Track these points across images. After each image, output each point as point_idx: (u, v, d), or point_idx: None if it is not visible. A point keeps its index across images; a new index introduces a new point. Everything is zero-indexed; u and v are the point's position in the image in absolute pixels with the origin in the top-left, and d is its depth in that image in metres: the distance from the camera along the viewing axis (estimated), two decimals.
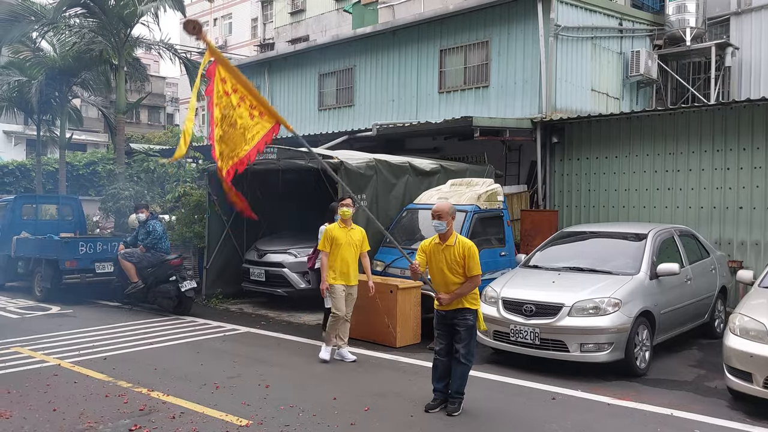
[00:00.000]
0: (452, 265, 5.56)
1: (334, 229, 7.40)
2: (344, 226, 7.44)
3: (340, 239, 7.32)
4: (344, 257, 7.30)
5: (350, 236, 7.41)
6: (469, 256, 5.56)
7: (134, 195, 13.47)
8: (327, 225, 7.83)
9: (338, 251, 7.30)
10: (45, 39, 17.02)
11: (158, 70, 46.19)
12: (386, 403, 5.80)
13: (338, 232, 7.36)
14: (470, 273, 5.57)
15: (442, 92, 13.79)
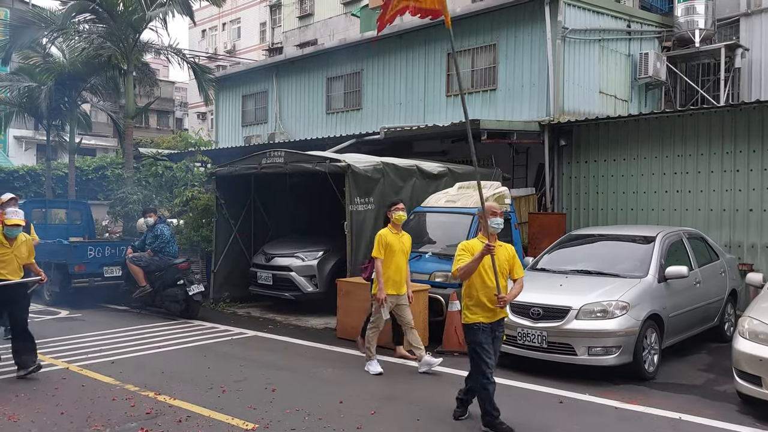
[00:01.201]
0: (503, 266, 5.33)
1: (388, 235, 7.04)
2: (396, 231, 7.12)
3: (394, 246, 6.99)
4: (398, 265, 6.98)
5: (402, 242, 7.13)
6: (514, 256, 5.44)
7: (142, 199, 13.52)
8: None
9: (392, 258, 6.97)
10: (54, 45, 17.12)
11: (167, 75, 46.50)
12: (393, 406, 5.78)
13: (392, 239, 7.03)
14: (518, 275, 5.42)
15: (450, 95, 13.78)
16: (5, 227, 6.77)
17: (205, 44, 43.27)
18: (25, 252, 6.95)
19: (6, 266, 6.78)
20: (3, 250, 6.79)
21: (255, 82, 18.96)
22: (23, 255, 6.93)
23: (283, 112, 17.93)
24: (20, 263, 6.89)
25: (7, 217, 6.80)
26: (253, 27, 40.17)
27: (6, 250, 6.80)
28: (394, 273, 6.95)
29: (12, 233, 6.80)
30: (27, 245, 7.01)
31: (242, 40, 41.21)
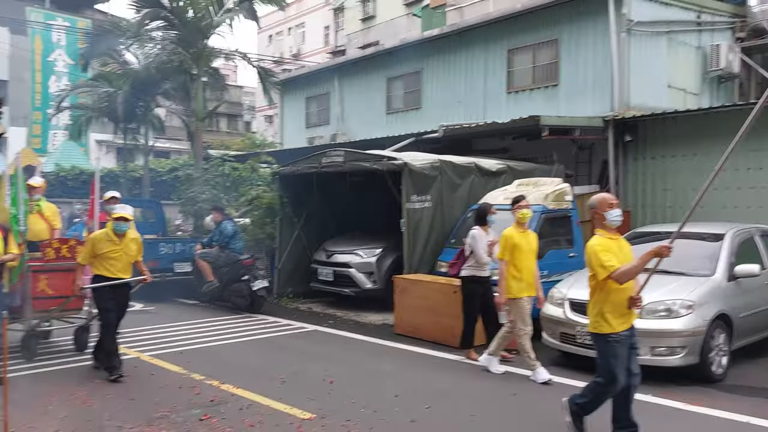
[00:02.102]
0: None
1: (514, 236, 6.63)
2: (522, 230, 6.73)
3: (522, 246, 6.60)
4: (528, 266, 6.62)
5: (529, 242, 6.74)
6: None
7: (211, 198, 14.03)
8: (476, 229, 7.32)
9: (521, 259, 6.58)
10: (130, 51, 18.04)
11: (236, 79, 47.90)
12: (448, 402, 5.80)
13: (519, 238, 6.62)
14: None
15: (510, 92, 13.63)
16: (114, 221, 6.59)
17: (271, 49, 44.30)
18: (134, 249, 6.74)
19: (115, 264, 6.60)
20: (113, 247, 6.58)
21: (318, 84, 19.31)
22: (132, 252, 6.71)
23: (345, 113, 18.18)
24: (129, 261, 6.71)
25: (116, 211, 6.69)
26: (318, 31, 40.84)
27: (116, 247, 6.58)
28: (526, 275, 6.59)
29: (120, 228, 6.56)
30: (136, 242, 6.78)
31: (307, 44, 41.97)
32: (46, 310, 7.31)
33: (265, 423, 5.18)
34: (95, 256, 6.58)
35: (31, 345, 7.22)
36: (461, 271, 7.41)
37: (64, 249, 7.43)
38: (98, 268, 6.60)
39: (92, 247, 6.58)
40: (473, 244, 7.24)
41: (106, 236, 6.57)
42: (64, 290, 7.18)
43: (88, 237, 7.07)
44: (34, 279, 7.19)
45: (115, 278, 6.58)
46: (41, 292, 7.24)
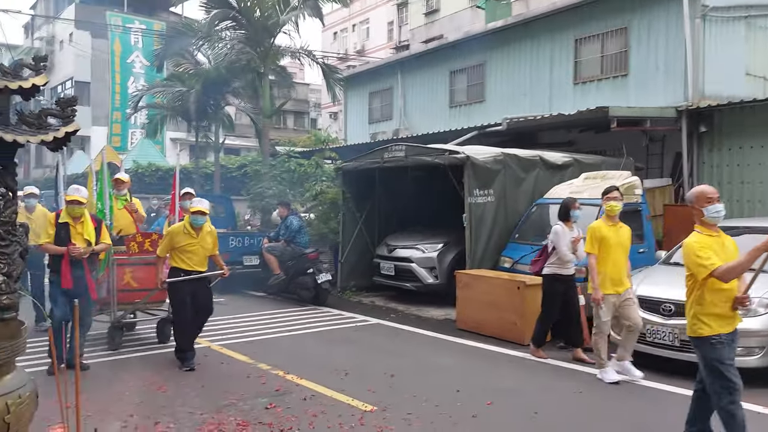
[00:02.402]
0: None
1: (602, 228, 6.36)
2: (612, 223, 6.42)
3: (609, 239, 6.29)
4: (616, 260, 6.30)
5: (619, 235, 6.42)
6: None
7: (277, 194, 14.40)
8: (559, 225, 7.18)
9: (608, 254, 6.28)
10: (201, 51, 18.71)
11: (303, 77, 48.72)
12: (510, 398, 5.75)
13: (607, 231, 6.34)
14: None
15: (578, 83, 13.28)
16: (191, 215, 6.70)
17: (336, 46, 44.80)
18: (210, 243, 6.82)
19: (192, 257, 6.70)
20: (189, 240, 6.67)
21: (381, 79, 19.40)
22: (209, 246, 6.81)
23: (408, 108, 18.20)
24: (206, 254, 6.81)
25: (193, 204, 6.78)
26: (381, 26, 41.01)
27: (192, 240, 6.68)
28: (611, 270, 6.27)
29: (197, 222, 6.66)
30: (212, 236, 6.86)
31: (371, 40, 42.22)
32: (131, 303, 7.56)
33: (328, 413, 5.28)
34: (173, 249, 6.74)
35: (117, 336, 7.47)
36: (543, 268, 7.23)
37: (147, 243, 7.65)
38: (176, 261, 6.75)
39: (170, 240, 6.74)
40: (555, 241, 7.03)
41: (184, 229, 6.71)
42: (148, 283, 7.45)
43: (166, 230, 7.26)
44: (120, 272, 7.43)
45: (192, 271, 6.69)
46: (126, 284, 7.50)
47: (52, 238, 6.49)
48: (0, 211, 2.44)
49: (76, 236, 6.48)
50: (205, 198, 14.99)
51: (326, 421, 5.12)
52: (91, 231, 6.60)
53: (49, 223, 6.63)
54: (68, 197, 6.52)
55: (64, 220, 6.51)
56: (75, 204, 6.48)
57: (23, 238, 2.55)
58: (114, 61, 32.85)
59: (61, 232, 6.48)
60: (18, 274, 2.52)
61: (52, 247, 6.52)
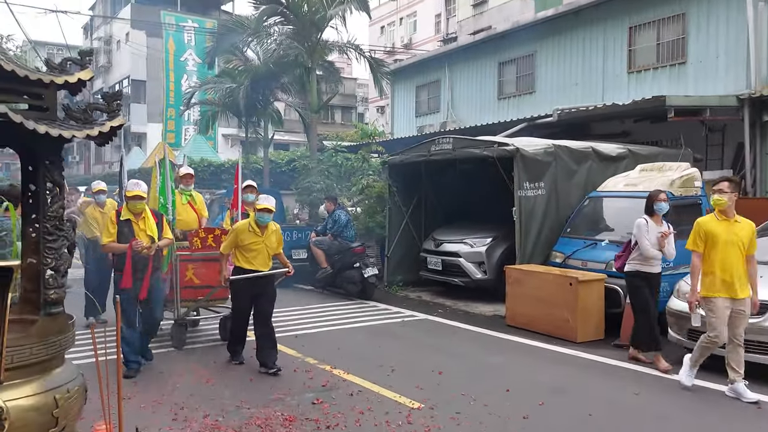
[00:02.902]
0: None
1: (709, 223, 5.69)
2: (724, 218, 5.63)
3: (717, 236, 5.56)
4: (725, 260, 5.51)
5: (733, 232, 5.58)
6: None
7: (324, 188, 14.43)
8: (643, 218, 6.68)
9: (716, 252, 5.56)
10: (250, 48, 18.91)
11: (351, 72, 48.88)
12: (563, 399, 5.57)
13: (715, 226, 5.61)
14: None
15: (632, 72, 12.83)
16: (257, 212, 6.41)
17: (383, 40, 44.72)
18: (274, 242, 6.56)
19: (257, 256, 6.43)
20: (254, 239, 6.41)
21: (428, 72, 19.23)
22: (273, 245, 6.54)
23: (455, 101, 17.98)
24: (270, 253, 6.54)
25: (259, 202, 6.47)
26: (429, 19, 40.67)
27: (257, 239, 6.42)
28: (721, 271, 5.51)
29: (264, 219, 6.39)
30: (277, 234, 6.60)
31: (418, 33, 41.94)
32: (194, 300, 7.42)
33: (374, 410, 5.22)
34: (236, 247, 6.48)
35: (180, 334, 7.36)
36: (625, 265, 6.78)
37: (210, 238, 7.43)
38: (239, 259, 6.50)
39: (234, 238, 6.48)
40: (637, 235, 6.63)
41: (249, 227, 6.44)
42: (211, 280, 7.25)
43: (231, 227, 7.03)
44: (182, 268, 7.27)
45: (255, 271, 6.44)
46: (188, 281, 7.35)
47: (114, 237, 6.25)
48: (47, 206, 2.45)
49: (139, 233, 6.25)
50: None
51: (373, 418, 5.06)
52: (153, 227, 6.39)
53: (109, 221, 6.34)
54: (129, 192, 6.31)
55: (126, 217, 6.29)
56: (136, 199, 6.28)
57: (70, 233, 2.55)
58: (168, 60, 33.60)
59: (124, 230, 6.26)
60: (65, 269, 2.53)
61: (115, 245, 6.25)
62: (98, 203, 8.89)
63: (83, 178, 35.34)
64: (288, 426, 4.88)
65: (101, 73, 40.90)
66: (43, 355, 2.45)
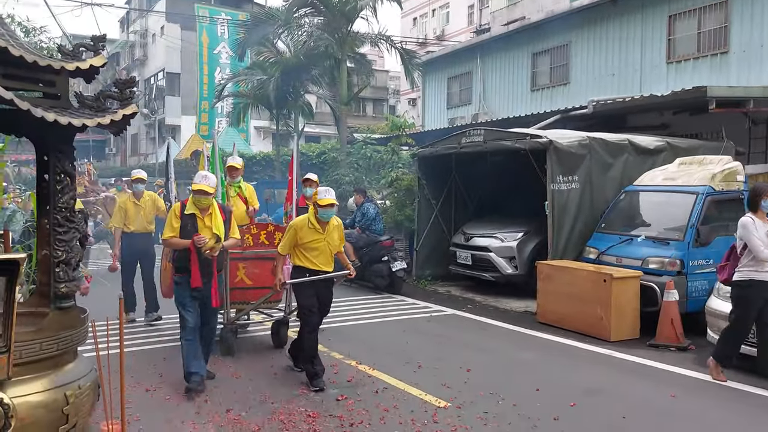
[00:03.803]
0: None
1: None
2: None
3: None
4: None
5: None
6: None
7: (354, 180, 14.37)
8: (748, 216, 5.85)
9: None
10: (281, 39, 18.93)
11: (382, 65, 48.71)
12: (596, 400, 5.37)
13: None
14: None
15: (671, 62, 12.41)
16: (320, 209, 5.66)
17: (416, 32, 44.36)
18: (337, 239, 5.88)
19: (319, 255, 5.75)
20: (316, 236, 5.72)
21: (460, 63, 18.97)
22: (336, 242, 5.87)
23: (487, 92, 17.70)
24: (332, 251, 5.87)
25: (320, 196, 5.72)
26: (462, 10, 40.18)
27: (318, 236, 5.73)
28: None
29: (327, 215, 5.72)
30: (339, 231, 5.92)
31: (451, 25, 41.47)
32: (245, 302, 6.81)
33: (400, 408, 5.10)
34: (296, 246, 5.78)
35: (230, 339, 6.72)
36: (734, 273, 5.79)
37: (263, 235, 6.81)
38: (300, 259, 5.80)
39: (293, 236, 5.75)
40: (745, 236, 5.68)
41: (308, 224, 5.73)
42: (263, 280, 6.66)
43: (288, 224, 6.38)
44: (232, 267, 6.63)
45: (318, 271, 5.77)
46: (239, 282, 6.71)
47: (177, 232, 5.59)
48: (58, 197, 2.37)
49: (204, 230, 5.58)
50: (285, 185, 15.05)
51: (398, 416, 4.94)
52: (220, 224, 5.66)
53: (173, 215, 5.68)
54: (194, 186, 5.61)
55: (191, 211, 5.61)
56: (201, 194, 5.53)
57: (82, 225, 2.48)
58: (202, 53, 33.87)
59: (188, 225, 5.58)
60: (77, 262, 2.46)
61: (177, 240, 5.61)
62: (135, 193, 8.33)
63: (119, 170, 35.97)
64: (311, 422, 4.79)
65: (137, 66, 41.50)
66: (54, 351, 2.38)
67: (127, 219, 8.18)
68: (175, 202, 7.30)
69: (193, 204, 5.63)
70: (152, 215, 8.37)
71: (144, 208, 8.19)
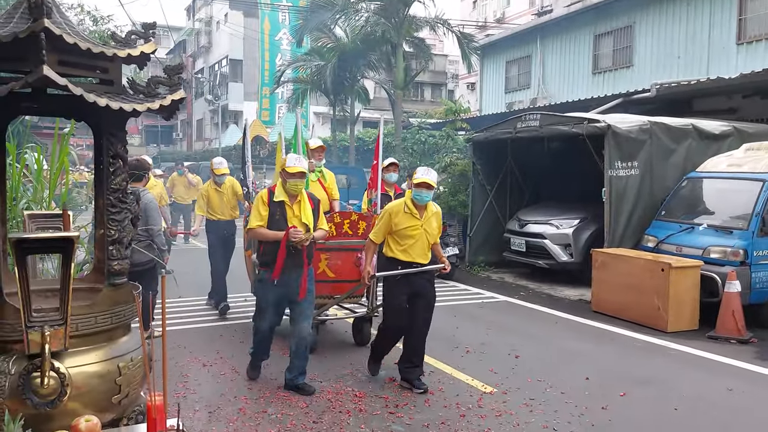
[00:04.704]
0: None
1: None
2: None
3: None
4: None
5: None
6: None
7: (408, 165, 14.37)
8: None
9: None
10: (338, 25, 19.03)
11: (442, 49, 48.23)
12: (647, 391, 5.24)
13: None
14: None
15: (741, 43, 11.80)
16: (414, 188, 5.07)
17: (475, 15, 43.58)
18: (435, 227, 5.21)
19: (414, 245, 5.07)
20: (411, 223, 5.05)
21: (518, 47, 18.60)
22: (434, 231, 5.20)
23: (546, 76, 17.30)
24: (430, 241, 5.19)
25: (418, 175, 5.12)
26: None
27: (415, 223, 5.06)
28: None
29: (423, 198, 5.03)
30: (438, 218, 5.25)
31: (511, 7, 40.52)
32: (328, 296, 6.21)
33: (445, 392, 5.14)
34: (389, 234, 5.16)
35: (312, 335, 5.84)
36: None
37: (346, 224, 6.22)
38: (391, 249, 5.16)
39: (388, 222, 5.10)
40: None
41: (404, 208, 5.08)
42: (347, 273, 6.10)
43: (372, 211, 6.11)
44: (314, 259, 5.70)
45: (412, 263, 5.12)
46: (321, 274, 6.09)
47: (265, 222, 4.98)
48: (111, 178, 2.50)
49: (293, 219, 4.96)
50: (340, 170, 15.11)
51: (443, 399, 4.97)
52: (309, 214, 5.06)
53: (260, 202, 5.05)
54: (290, 168, 4.92)
55: (280, 199, 4.99)
56: (298, 177, 4.94)
57: (134, 206, 2.60)
58: (263, 39, 34.45)
59: (276, 214, 4.98)
60: (128, 241, 2.58)
61: (266, 231, 4.98)
62: (216, 181, 7.92)
63: (185, 154, 37.15)
64: (357, 401, 4.88)
65: (202, 54, 42.58)
66: (108, 324, 2.51)
67: (211, 207, 7.91)
68: (252, 187, 7.23)
69: (283, 190, 5.01)
70: (235, 201, 8.02)
71: (225, 194, 7.89)
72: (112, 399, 2.43)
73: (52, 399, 2.18)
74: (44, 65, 2.06)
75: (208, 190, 7.97)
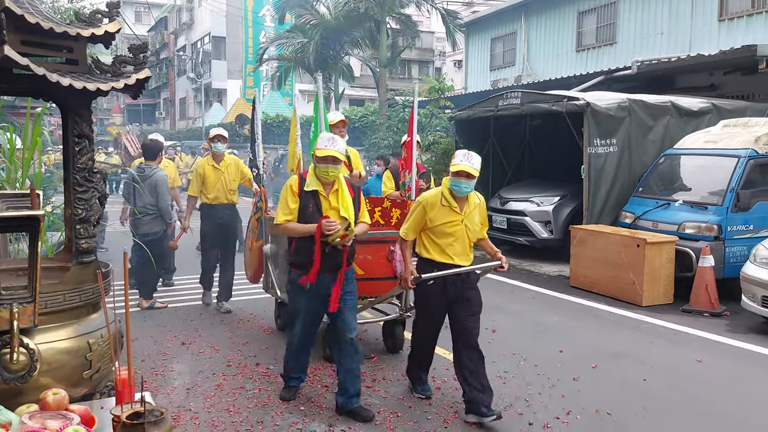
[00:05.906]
0: None
1: None
2: None
3: None
4: None
5: None
6: None
7: (392, 144, 14.37)
8: None
9: None
10: (320, 2, 18.85)
11: (429, 26, 47.83)
12: (618, 363, 5.38)
13: None
14: None
15: (723, 20, 11.85)
16: (451, 177, 4.19)
17: None
18: (478, 222, 4.39)
19: (454, 244, 4.29)
20: (451, 218, 4.25)
21: (503, 24, 18.54)
22: (476, 226, 4.38)
23: (531, 53, 17.29)
24: (472, 239, 4.42)
25: (456, 161, 4.18)
26: None
27: (455, 218, 4.25)
28: None
29: (462, 189, 4.18)
30: (480, 211, 4.41)
31: None
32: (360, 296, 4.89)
33: None
34: (423, 230, 4.34)
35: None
36: None
37: (377, 213, 5.46)
38: (426, 248, 4.36)
39: (421, 216, 4.30)
40: None
41: (442, 200, 4.25)
42: (379, 270, 5.24)
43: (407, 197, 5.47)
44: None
45: (451, 265, 4.31)
46: None
47: (295, 215, 4.22)
48: (77, 157, 2.52)
49: (329, 211, 4.19)
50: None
51: None
52: (349, 205, 4.27)
53: (289, 191, 4.25)
54: (320, 152, 4.14)
55: (312, 188, 4.20)
56: (329, 162, 4.15)
57: (101, 185, 2.63)
58: (246, 17, 34.04)
59: (309, 205, 4.20)
60: (96, 220, 2.61)
61: (297, 226, 4.21)
62: (214, 155, 6.83)
63: (169, 132, 36.86)
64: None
65: (183, 31, 42.02)
66: (77, 302, 2.55)
67: (206, 187, 6.72)
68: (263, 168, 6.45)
69: (315, 178, 4.22)
70: (236, 183, 6.88)
71: (225, 173, 6.74)
72: (83, 374, 2.48)
73: (23, 374, 2.22)
74: (5, 45, 2.07)
75: (204, 167, 6.79)
